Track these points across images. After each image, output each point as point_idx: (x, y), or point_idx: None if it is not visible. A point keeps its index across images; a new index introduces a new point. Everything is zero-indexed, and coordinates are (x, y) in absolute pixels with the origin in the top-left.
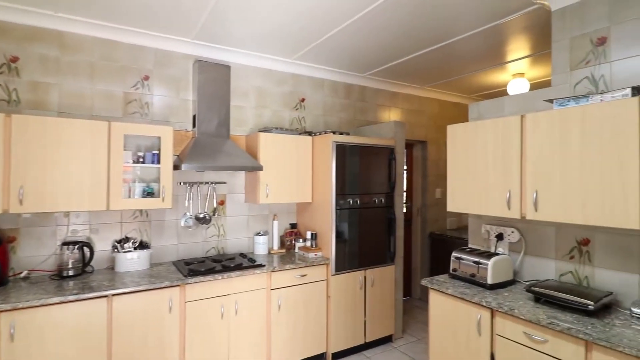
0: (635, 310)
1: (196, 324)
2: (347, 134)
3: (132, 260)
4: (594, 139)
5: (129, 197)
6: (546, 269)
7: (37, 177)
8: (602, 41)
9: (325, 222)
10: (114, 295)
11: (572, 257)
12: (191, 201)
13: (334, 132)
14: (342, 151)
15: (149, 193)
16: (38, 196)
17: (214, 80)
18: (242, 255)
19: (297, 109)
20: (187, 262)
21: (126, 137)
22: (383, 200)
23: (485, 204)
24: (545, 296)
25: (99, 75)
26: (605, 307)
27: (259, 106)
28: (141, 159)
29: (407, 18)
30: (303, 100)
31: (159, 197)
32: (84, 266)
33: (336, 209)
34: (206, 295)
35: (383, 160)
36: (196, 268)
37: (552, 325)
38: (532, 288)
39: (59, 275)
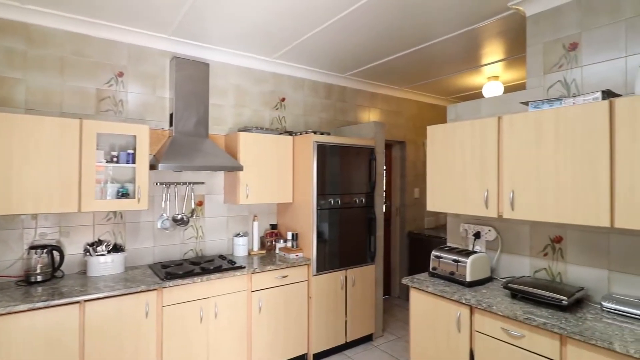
0: (605, 304)
1: (174, 329)
2: (328, 134)
3: (105, 264)
4: (567, 140)
5: (102, 198)
6: (521, 265)
7: (3, 177)
8: (574, 46)
9: (306, 222)
10: (86, 301)
11: (545, 254)
12: (168, 202)
13: (314, 132)
14: (323, 151)
15: (123, 194)
16: (3, 197)
17: (192, 77)
18: (222, 257)
19: (277, 109)
20: (164, 265)
21: (99, 135)
22: (363, 200)
23: (464, 203)
24: (521, 292)
25: (69, 70)
26: (577, 302)
27: (238, 105)
28: (115, 159)
29: (387, 20)
30: (283, 99)
31: (134, 198)
32: (53, 271)
33: (317, 209)
34: (184, 299)
35: (364, 160)
36: (174, 271)
37: (529, 320)
38: (509, 285)
39: (27, 281)
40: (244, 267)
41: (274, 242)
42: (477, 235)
